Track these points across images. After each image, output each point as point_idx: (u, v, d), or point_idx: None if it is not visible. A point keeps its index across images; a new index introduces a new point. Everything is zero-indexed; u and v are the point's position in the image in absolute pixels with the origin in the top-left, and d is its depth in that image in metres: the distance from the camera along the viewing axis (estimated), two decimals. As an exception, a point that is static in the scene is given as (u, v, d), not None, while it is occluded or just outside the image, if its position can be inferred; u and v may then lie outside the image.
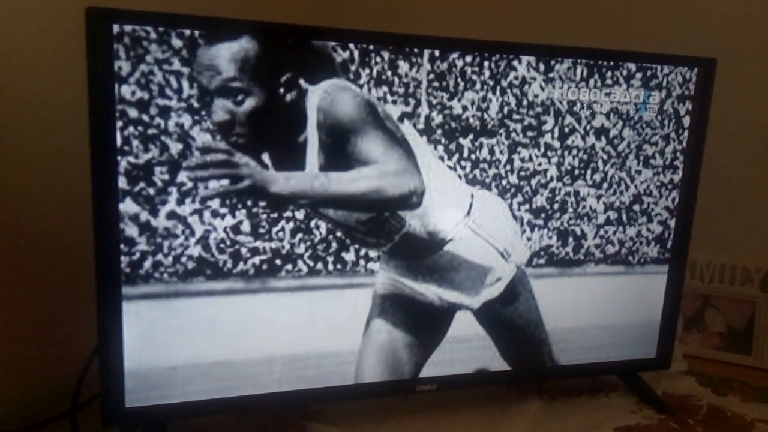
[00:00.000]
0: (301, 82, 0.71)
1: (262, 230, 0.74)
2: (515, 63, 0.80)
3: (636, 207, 0.91)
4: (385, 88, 0.75)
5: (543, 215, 0.87)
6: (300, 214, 0.75)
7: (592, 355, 0.94)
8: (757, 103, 1.10)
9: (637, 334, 0.96)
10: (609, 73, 0.85)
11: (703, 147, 0.91)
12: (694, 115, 0.90)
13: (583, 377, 1.01)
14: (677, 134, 0.90)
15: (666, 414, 0.92)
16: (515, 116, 0.82)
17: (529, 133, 0.83)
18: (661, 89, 0.88)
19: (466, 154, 0.81)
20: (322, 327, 0.80)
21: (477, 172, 0.82)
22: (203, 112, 0.68)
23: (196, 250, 0.72)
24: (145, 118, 0.67)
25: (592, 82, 0.84)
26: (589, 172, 0.87)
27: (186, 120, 0.68)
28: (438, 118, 0.78)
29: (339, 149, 0.74)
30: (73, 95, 0.69)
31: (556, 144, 0.85)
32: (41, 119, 0.82)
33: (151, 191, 0.69)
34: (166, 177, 0.69)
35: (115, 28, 0.63)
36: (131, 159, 0.67)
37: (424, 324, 0.85)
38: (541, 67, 0.81)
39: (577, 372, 0.97)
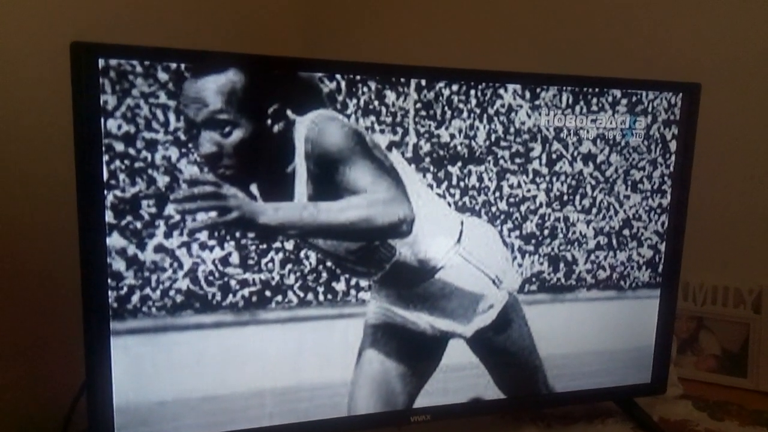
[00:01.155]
0: (289, 113, 0.72)
1: (251, 262, 0.74)
2: (501, 91, 0.81)
3: (626, 231, 0.91)
4: (372, 118, 0.76)
5: (533, 241, 0.86)
6: (289, 245, 0.75)
7: (587, 381, 0.93)
8: (742, 126, 1.11)
9: (631, 358, 0.95)
10: (594, 100, 0.85)
11: (690, 170, 0.92)
12: (681, 139, 0.90)
13: (579, 404, 1.00)
14: (664, 158, 0.91)
15: (663, 440, 0.91)
16: (503, 143, 0.82)
17: (517, 160, 0.83)
18: (646, 115, 0.88)
19: (454, 181, 0.81)
20: (314, 359, 0.79)
21: (466, 199, 0.82)
22: (190, 145, 0.68)
23: (184, 284, 0.72)
24: (132, 151, 0.67)
25: (578, 108, 0.85)
26: (578, 197, 0.87)
27: (173, 153, 0.68)
28: (426, 147, 0.79)
29: (327, 179, 0.74)
30: (58, 129, 0.69)
31: (545, 170, 0.85)
32: (26, 153, 0.82)
33: (139, 225, 0.68)
34: (154, 210, 0.68)
35: (101, 62, 0.64)
36: (118, 193, 0.67)
37: (417, 353, 0.84)
38: (527, 94, 0.82)
39: (572, 399, 0.96)
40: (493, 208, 0.84)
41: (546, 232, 0.87)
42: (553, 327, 0.90)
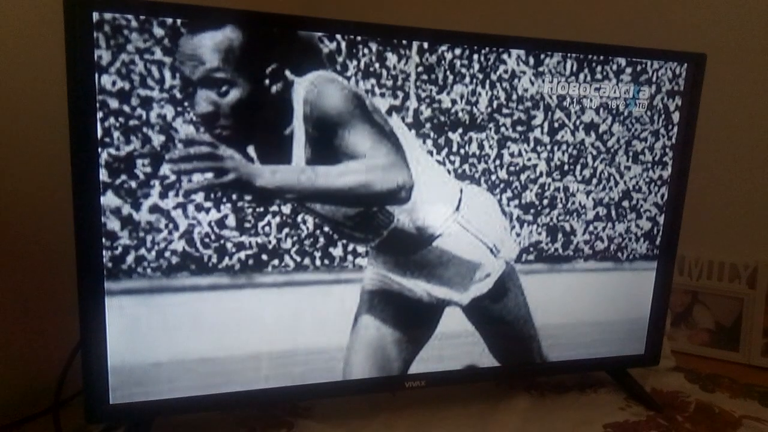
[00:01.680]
0: (287, 73, 0.70)
1: (247, 225, 0.73)
2: (505, 56, 0.79)
3: (625, 203, 0.90)
4: (372, 81, 0.74)
5: (532, 211, 0.86)
6: (286, 209, 0.74)
7: (581, 351, 0.94)
8: (746, 98, 1.10)
9: (625, 330, 0.96)
10: (599, 68, 0.84)
11: (692, 143, 0.91)
12: (684, 110, 0.89)
13: (572, 374, 1.01)
14: (667, 130, 0.90)
15: (654, 410, 0.92)
16: (505, 110, 0.81)
17: (519, 128, 0.82)
18: (651, 84, 0.87)
19: (455, 148, 0.80)
20: (310, 323, 0.79)
21: (466, 167, 0.81)
22: (186, 104, 0.67)
23: (180, 245, 0.71)
24: (127, 109, 0.65)
25: (582, 76, 0.83)
26: (578, 167, 0.87)
27: (168, 111, 0.67)
28: (427, 112, 0.78)
29: (326, 143, 0.73)
30: (51, 85, 0.67)
31: (546, 139, 0.84)
32: (18, 110, 0.80)
33: (133, 184, 0.67)
34: (149, 170, 0.67)
35: (95, 16, 0.62)
36: (112, 151, 0.66)
37: (413, 320, 0.84)
38: (531, 60, 0.81)
39: (566, 368, 0.96)
40: (493, 177, 0.83)
41: (545, 201, 0.86)
42: (550, 297, 0.90)
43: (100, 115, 0.64)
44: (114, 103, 0.65)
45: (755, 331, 1.13)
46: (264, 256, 0.75)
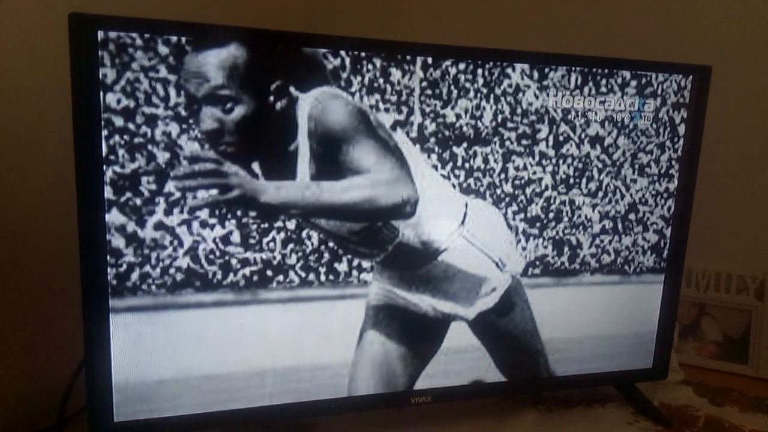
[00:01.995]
0: (292, 89, 0.70)
1: (252, 241, 0.73)
2: (509, 70, 0.79)
3: (631, 216, 0.90)
4: (377, 96, 0.74)
5: (538, 224, 0.85)
6: (291, 225, 0.74)
7: (589, 365, 0.93)
8: (752, 110, 1.10)
9: (633, 343, 0.95)
10: (604, 81, 0.84)
11: (698, 155, 0.90)
12: (690, 123, 0.89)
13: (580, 388, 1.00)
14: (672, 142, 0.89)
15: (663, 425, 0.91)
16: (509, 124, 0.81)
17: (524, 142, 0.82)
18: (656, 97, 0.87)
19: (459, 162, 0.80)
20: (315, 339, 0.78)
21: (471, 181, 0.81)
22: (191, 121, 0.67)
23: (184, 262, 0.71)
24: (131, 126, 0.65)
25: (586, 89, 0.83)
26: (584, 180, 0.86)
27: (173, 128, 0.67)
28: (431, 127, 0.77)
29: (330, 158, 0.73)
30: (56, 103, 0.67)
31: (551, 152, 0.84)
32: (24, 128, 0.81)
33: (138, 201, 0.67)
34: (154, 187, 0.67)
35: (100, 34, 0.62)
36: (117, 168, 0.66)
37: (419, 335, 0.84)
38: (535, 74, 0.80)
39: (573, 383, 0.95)
40: (498, 191, 0.82)
41: (551, 215, 0.86)
42: (556, 311, 0.89)
43: (105, 132, 0.64)
44: (119, 121, 0.65)
45: (764, 343, 1.12)
46: (269, 272, 0.74)
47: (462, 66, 0.77)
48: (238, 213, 0.71)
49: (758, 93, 1.09)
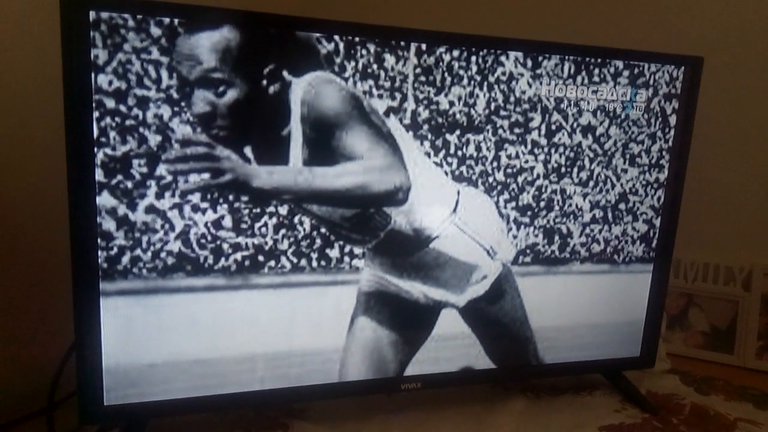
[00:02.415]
0: (285, 74, 0.70)
1: (244, 226, 0.73)
2: (503, 58, 0.79)
3: (622, 205, 0.90)
4: (370, 82, 0.74)
5: (529, 213, 0.86)
6: (283, 210, 0.74)
7: (577, 353, 0.94)
8: (743, 101, 1.11)
9: (621, 332, 0.96)
10: (596, 71, 0.84)
11: (689, 146, 0.91)
12: (681, 113, 0.90)
13: (568, 376, 1.01)
14: (663, 133, 0.90)
15: (650, 413, 0.92)
16: (502, 112, 0.81)
17: (516, 130, 0.82)
18: (648, 87, 0.87)
19: (452, 150, 0.80)
20: (306, 324, 0.78)
21: (463, 168, 0.81)
22: (183, 104, 0.67)
23: (175, 246, 0.71)
24: (123, 108, 0.65)
25: (579, 79, 0.84)
26: (575, 170, 0.87)
27: (165, 111, 0.66)
28: (424, 114, 0.77)
29: (323, 144, 0.73)
30: (47, 84, 0.67)
31: (543, 141, 0.84)
32: (13, 109, 0.80)
33: (129, 184, 0.67)
34: (145, 170, 0.67)
35: (92, 15, 0.61)
36: (108, 151, 0.65)
37: (409, 322, 0.84)
38: (529, 63, 0.81)
39: (561, 370, 0.96)
40: (490, 179, 0.83)
41: (542, 204, 0.86)
42: (546, 299, 0.90)
43: (96, 114, 0.64)
44: (110, 103, 0.64)
45: (750, 334, 1.13)
46: (260, 257, 0.74)
47: (456, 53, 0.77)
48: (230, 197, 0.71)
49: (749, 85, 1.10)
